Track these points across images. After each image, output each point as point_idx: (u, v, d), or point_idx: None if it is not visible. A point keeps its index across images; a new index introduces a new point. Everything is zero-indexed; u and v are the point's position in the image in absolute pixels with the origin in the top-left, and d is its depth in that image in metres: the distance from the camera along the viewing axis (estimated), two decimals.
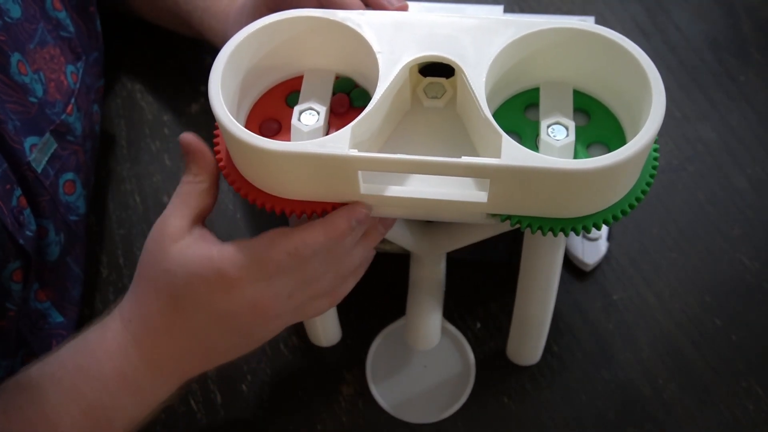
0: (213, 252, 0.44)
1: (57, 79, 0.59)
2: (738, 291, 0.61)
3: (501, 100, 0.47)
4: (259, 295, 0.44)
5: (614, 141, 0.44)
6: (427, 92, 0.47)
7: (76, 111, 0.60)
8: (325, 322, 0.58)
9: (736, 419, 0.56)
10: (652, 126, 0.40)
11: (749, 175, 0.66)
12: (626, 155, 0.39)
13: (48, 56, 0.58)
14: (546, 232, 0.42)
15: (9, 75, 0.53)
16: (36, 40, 0.56)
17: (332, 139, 0.41)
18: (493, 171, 0.39)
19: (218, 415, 0.58)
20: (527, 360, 0.58)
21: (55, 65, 0.59)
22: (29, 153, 0.54)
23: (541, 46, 0.44)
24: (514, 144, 0.40)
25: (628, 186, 0.42)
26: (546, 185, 0.40)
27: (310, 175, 0.42)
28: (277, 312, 0.46)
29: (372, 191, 0.42)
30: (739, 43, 0.74)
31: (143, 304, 0.46)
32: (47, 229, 0.56)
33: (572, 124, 0.44)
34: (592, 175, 0.39)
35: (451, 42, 0.44)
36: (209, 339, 0.47)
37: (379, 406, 0.58)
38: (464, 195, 0.42)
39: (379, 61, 0.44)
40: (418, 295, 0.55)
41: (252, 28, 0.45)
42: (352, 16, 0.45)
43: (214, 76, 0.43)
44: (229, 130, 0.41)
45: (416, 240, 0.55)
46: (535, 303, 0.52)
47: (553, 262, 0.49)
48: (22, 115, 0.53)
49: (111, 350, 0.46)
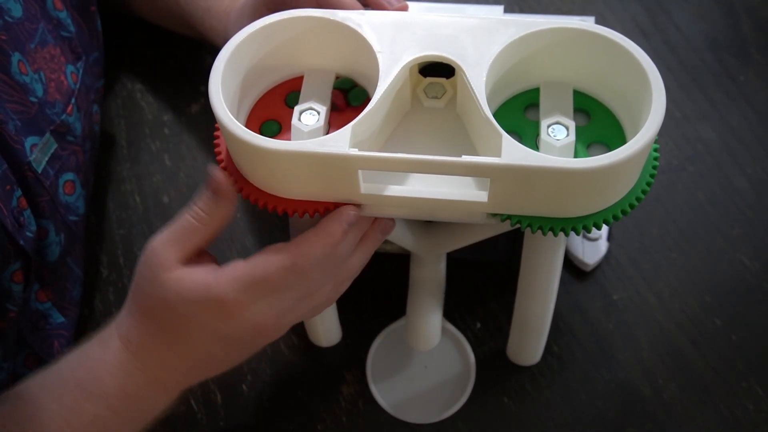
0: (209, 279, 0.43)
1: (57, 79, 0.59)
2: (738, 291, 0.61)
3: (501, 100, 0.47)
4: (260, 316, 0.44)
5: (614, 141, 0.44)
6: (427, 92, 0.47)
7: (76, 111, 0.60)
8: (326, 323, 0.58)
9: (736, 419, 0.56)
10: (652, 126, 0.40)
11: (749, 175, 0.66)
12: (626, 155, 0.39)
13: (48, 56, 0.58)
14: (546, 232, 0.42)
15: (10, 74, 0.53)
16: (36, 39, 0.56)
17: (332, 138, 0.41)
18: (493, 170, 0.39)
19: (218, 415, 0.58)
20: (527, 360, 0.58)
21: (55, 65, 0.59)
22: (30, 153, 0.54)
23: (541, 46, 0.44)
24: (514, 143, 0.40)
25: (628, 186, 0.42)
26: (546, 185, 0.40)
27: (310, 174, 0.42)
28: (280, 327, 0.46)
29: (372, 191, 0.42)
30: (739, 43, 0.74)
31: (142, 330, 0.46)
32: (47, 230, 0.56)
33: (572, 124, 0.44)
34: (593, 175, 0.39)
35: (451, 42, 0.44)
36: (211, 357, 0.47)
37: (379, 406, 0.58)
38: (464, 195, 0.42)
39: (380, 60, 0.43)
40: (419, 295, 0.55)
41: (252, 28, 0.45)
42: (352, 16, 0.45)
43: (215, 76, 0.43)
44: (230, 129, 0.41)
45: (416, 240, 0.54)
46: (536, 303, 0.52)
47: (553, 262, 0.49)
48: (22, 115, 0.53)
49: (112, 368, 0.46)
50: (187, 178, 0.69)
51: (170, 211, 0.67)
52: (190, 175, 0.69)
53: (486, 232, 0.51)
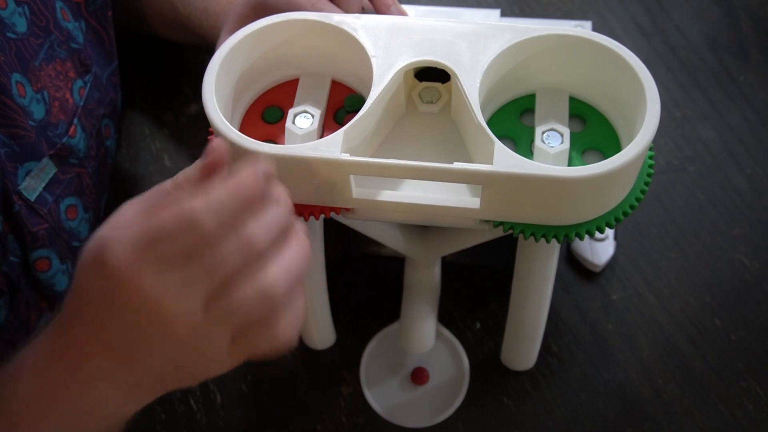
0: (102, 231, 0.35)
1: (62, 97, 0.56)
2: (738, 291, 0.61)
3: (497, 106, 0.46)
4: (157, 288, 0.34)
5: (610, 148, 0.44)
6: (422, 97, 0.47)
7: (80, 131, 0.57)
8: (319, 323, 0.58)
9: (736, 419, 0.56)
10: (646, 134, 0.39)
11: (749, 175, 0.66)
12: (619, 164, 0.39)
13: (54, 73, 0.55)
14: (539, 238, 0.42)
15: (8, 98, 0.50)
16: (41, 55, 0.54)
17: (324, 142, 0.41)
18: (484, 177, 0.39)
19: (218, 415, 0.58)
20: (521, 365, 0.58)
21: (61, 82, 0.56)
22: (22, 181, 0.51)
23: (537, 52, 0.44)
24: (506, 150, 0.39)
25: (622, 193, 0.42)
26: (538, 192, 0.40)
27: (302, 178, 0.42)
28: (189, 322, 0.35)
29: (365, 195, 0.42)
30: (738, 43, 0.74)
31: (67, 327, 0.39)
32: (49, 259, 0.54)
33: (567, 131, 0.44)
34: (584, 183, 0.39)
35: (446, 47, 0.44)
36: (124, 350, 0.37)
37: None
38: (457, 201, 0.42)
39: (374, 65, 0.43)
40: (413, 298, 0.55)
41: (246, 31, 0.45)
42: (347, 20, 0.45)
43: (208, 79, 0.43)
44: (222, 132, 0.41)
45: (410, 244, 0.54)
46: (529, 308, 0.52)
47: (547, 268, 0.49)
48: (18, 140, 0.51)
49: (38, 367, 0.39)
50: None
51: None
52: None
53: (481, 237, 0.51)
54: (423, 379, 0.57)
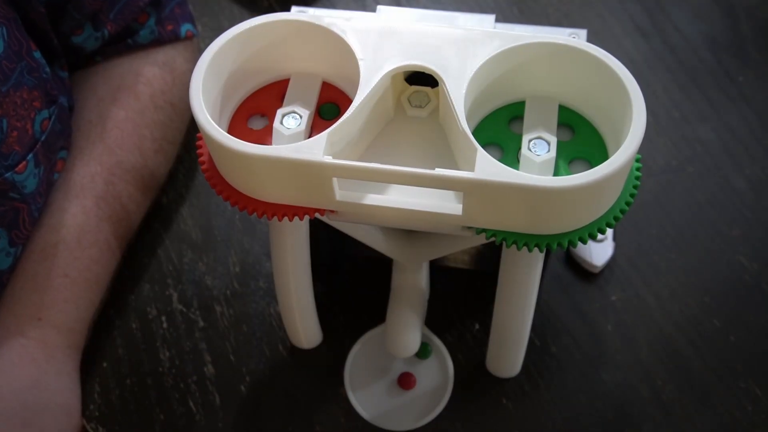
0: None
1: (23, 127, 0.53)
2: (737, 292, 0.61)
3: (486, 112, 0.46)
4: None
5: (597, 157, 0.43)
6: (411, 101, 0.46)
7: (31, 167, 0.54)
8: (305, 323, 0.58)
9: (735, 420, 0.56)
10: (630, 145, 0.39)
11: (748, 175, 0.66)
12: (600, 175, 0.38)
13: (20, 100, 0.53)
14: (521, 246, 0.41)
15: None
16: (11, 81, 0.52)
17: (308, 144, 0.40)
18: (465, 184, 0.39)
19: (217, 416, 0.58)
20: (506, 372, 0.58)
21: (25, 111, 0.53)
22: None
23: (527, 59, 0.44)
24: (489, 158, 0.39)
25: (606, 204, 0.41)
26: (519, 201, 0.39)
27: (286, 179, 0.41)
28: None
29: (348, 198, 0.42)
30: (738, 43, 0.74)
31: None
32: None
33: (554, 140, 0.43)
34: (564, 194, 0.38)
35: (434, 52, 0.43)
36: None
37: None
38: (440, 207, 0.42)
39: (361, 68, 0.43)
40: (399, 302, 0.55)
41: (234, 31, 0.45)
42: (337, 22, 0.45)
43: (196, 78, 0.43)
44: (207, 131, 0.41)
45: (396, 248, 0.54)
46: (513, 316, 0.51)
47: (531, 276, 0.48)
48: None
49: None
50: (186, 179, 0.69)
51: (169, 212, 0.67)
52: (188, 176, 0.69)
53: (466, 243, 0.51)
54: (410, 384, 0.57)
